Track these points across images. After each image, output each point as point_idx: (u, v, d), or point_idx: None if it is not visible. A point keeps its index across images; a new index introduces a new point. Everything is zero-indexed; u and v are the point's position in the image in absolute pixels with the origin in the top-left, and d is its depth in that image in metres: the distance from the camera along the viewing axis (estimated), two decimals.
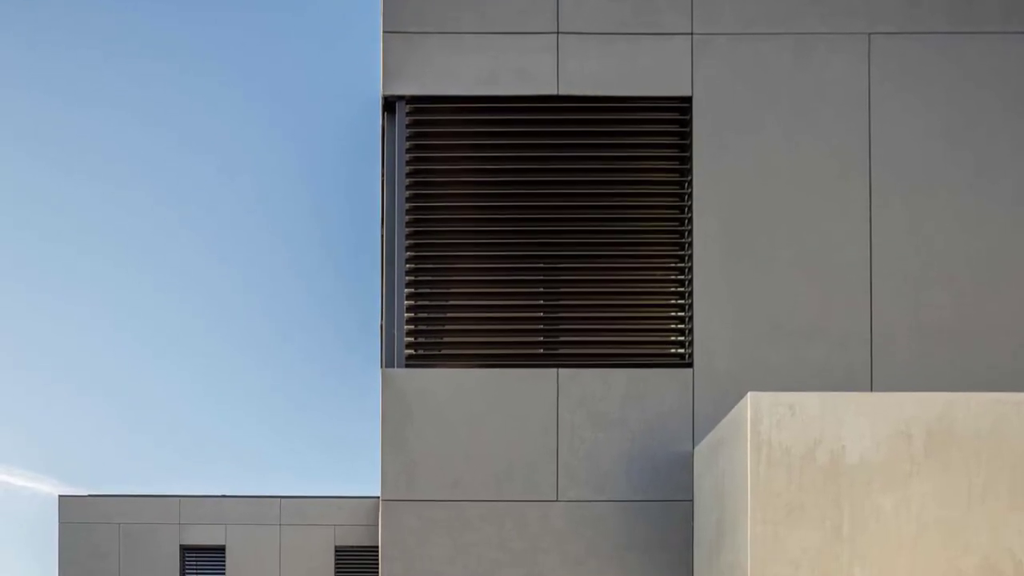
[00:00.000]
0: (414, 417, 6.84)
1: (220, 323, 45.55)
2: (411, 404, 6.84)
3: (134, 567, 18.04)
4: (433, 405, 6.87)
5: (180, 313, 43.45)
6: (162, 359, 45.53)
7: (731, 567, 5.85)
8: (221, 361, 47.08)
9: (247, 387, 46.91)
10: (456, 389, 6.91)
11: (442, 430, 6.85)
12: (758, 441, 5.59)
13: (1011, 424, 5.56)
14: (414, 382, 6.90)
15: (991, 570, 5.45)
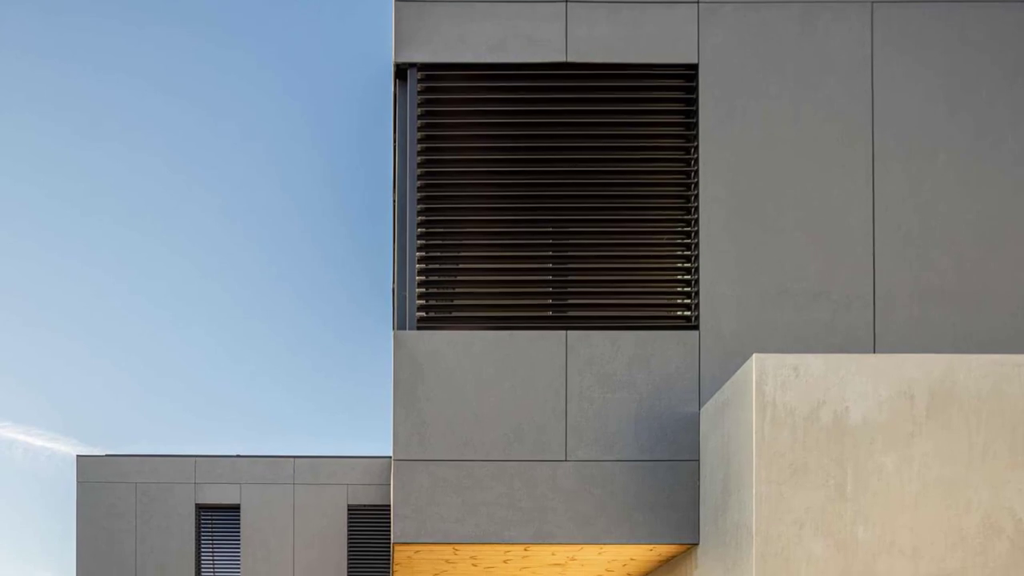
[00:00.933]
0: (425, 378, 6.89)
1: (235, 286, 45.64)
2: (422, 365, 6.89)
3: (150, 525, 18.18)
4: (444, 366, 6.92)
5: (196, 276, 43.54)
6: (178, 322, 45.69)
7: (736, 525, 5.93)
8: (236, 324, 47.23)
9: (262, 349, 47.05)
10: (466, 351, 6.95)
11: (453, 391, 6.90)
12: (763, 402, 5.67)
13: (1011, 385, 5.62)
14: (425, 344, 6.95)
15: (992, 527, 5.53)
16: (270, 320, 45.90)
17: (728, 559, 6.11)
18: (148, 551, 18.04)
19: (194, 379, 46.31)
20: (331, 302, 44.30)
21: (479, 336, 7.00)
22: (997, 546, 5.54)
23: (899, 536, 5.57)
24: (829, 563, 5.59)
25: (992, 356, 5.72)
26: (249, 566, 18.13)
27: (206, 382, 45.78)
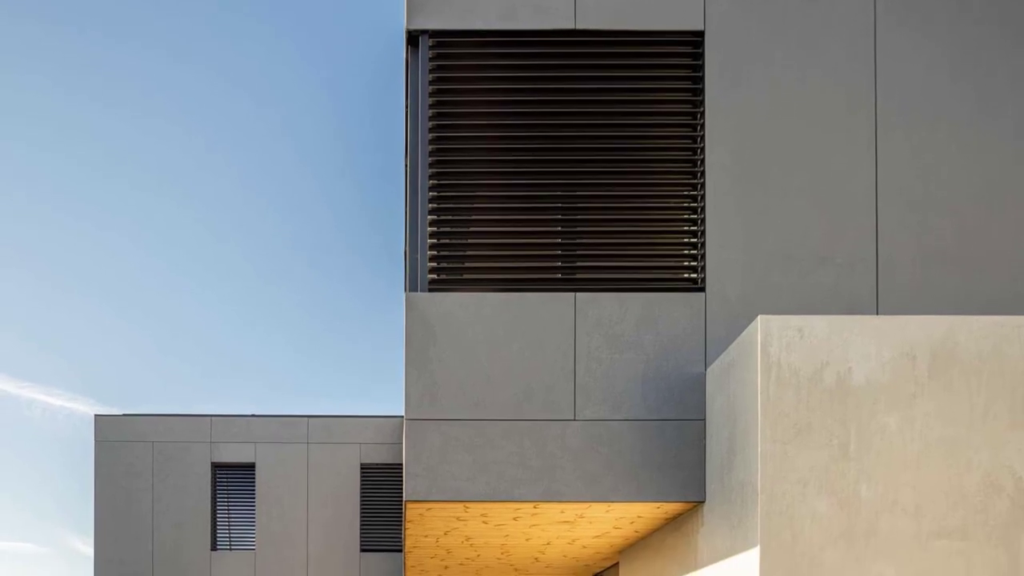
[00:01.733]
0: (436, 339, 6.93)
1: (251, 250, 45.79)
2: (434, 327, 6.94)
3: (167, 484, 18.33)
4: (455, 328, 6.96)
5: (211, 239, 43.73)
6: (194, 284, 45.96)
7: (742, 484, 6.00)
8: (251, 286, 47.50)
9: (276, 311, 47.33)
10: (477, 312, 6.99)
11: (464, 352, 6.94)
12: (768, 363, 5.71)
13: (1012, 346, 5.66)
14: (436, 306, 6.98)
15: (992, 486, 5.60)
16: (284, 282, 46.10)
17: (733, 517, 6.16)
18: (165, 509, 18.22)
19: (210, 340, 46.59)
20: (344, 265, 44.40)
21: (489, 298, 7.03)
22: (997, 504, 5.60)
23: (901, 494, 5.62)
24: (833, 521, 5.64)
25: (993, 318, 5.75)
26: (264, 523, 18.29)
27: (221, 343, 46.07)
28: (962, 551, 5.60)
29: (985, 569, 5.59)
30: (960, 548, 5.61)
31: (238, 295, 46.73)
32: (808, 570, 5.64)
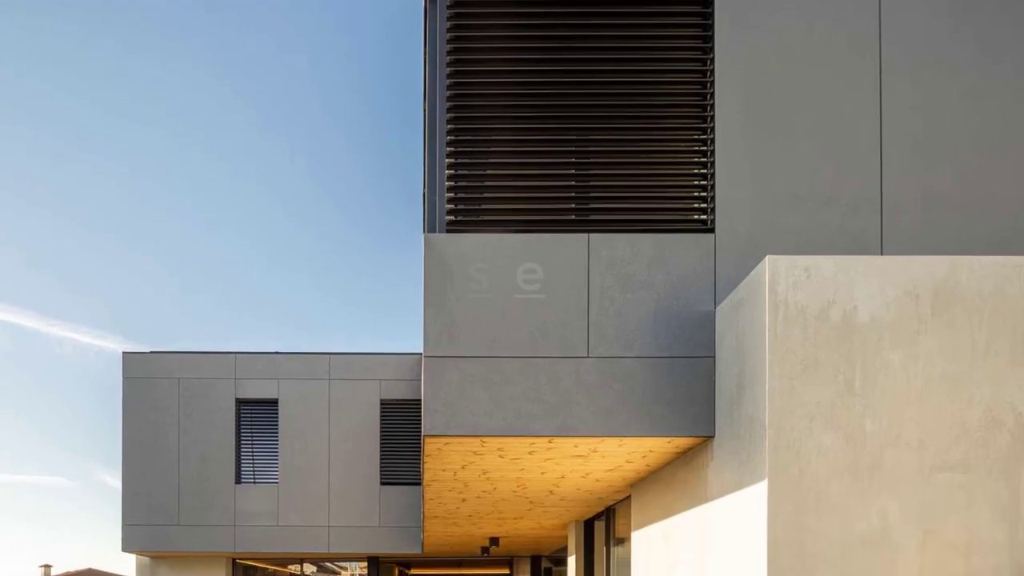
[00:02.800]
0: (454, 279, 6.96)
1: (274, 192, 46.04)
2: (452, 267, 6.97)
3: (193, 419, 18.55)
4: (472, 268, 6.99)
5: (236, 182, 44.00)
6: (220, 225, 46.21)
7: (750, 419, 6.09)
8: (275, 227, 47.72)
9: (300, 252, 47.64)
10: (494, 252, 7.02)
11: (480, 291, 6.98)
12: (775, 301, 5.79)
13: (1012, 285, 5.71)
14: (454, 246, 7.01)
15: (993, 421, 5.69)
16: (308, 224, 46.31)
17: (742, 451, 6.24)
18: (191, 443, 18.45)
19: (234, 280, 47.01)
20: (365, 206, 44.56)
21: (506, 239, 7.05)
22: (998, 438, 5.69)
23: (905, 429, 5.71)
24: (838, 454, 5.73)
25: (993, 257, 5.79)
26: (287, 457, 18.52)
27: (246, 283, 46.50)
28: (964, 484, 5.68)
29: (986, 502, 5.67)
30: (962, 481, 5.68)
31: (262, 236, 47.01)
32: (815, 502, 5.72)
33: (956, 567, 5.67)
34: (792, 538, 5.72)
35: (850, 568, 5.69)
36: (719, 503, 6.78)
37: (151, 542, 18.46)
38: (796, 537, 5.72)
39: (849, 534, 5.71)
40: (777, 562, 5.70)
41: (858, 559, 5.69)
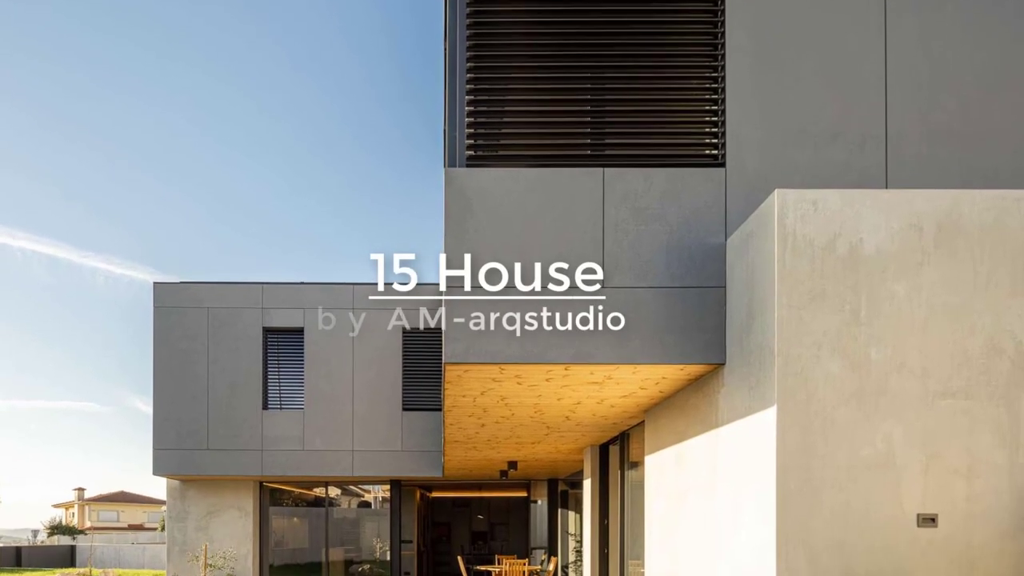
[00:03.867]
0: (474, 212, 7.04)
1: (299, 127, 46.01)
2: (471, 200, 7.04)
3: (221, 347, 18.71)
4: (491, 201, 7.07)
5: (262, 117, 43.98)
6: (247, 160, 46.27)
7: (760, 347, 6.21)
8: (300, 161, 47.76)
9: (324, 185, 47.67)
10: (512, 186, 7.09)
11: (499, 223, 7.06)
12: (784, 233, 5.89)
13: (1012, 218, 5.80)
14: (474, 180, 7.08)
15: (994, 349, 5.81)
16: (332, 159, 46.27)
17: (752, 377, 6.36)
18: (219, 371, 18.65)
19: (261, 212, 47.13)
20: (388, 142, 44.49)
21: (523, 173, 7.12)
22: (999, 366, 5.81)
23: (909, 357, 5.83)
24: (845, 381, 5.87)
25: (995, 191, 5.88)
26: (312, 384, 18.70)
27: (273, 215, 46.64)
28: (966, 410, 5.82)
29: (987, 426, 5.81)
30: (964, 407, 5.82)
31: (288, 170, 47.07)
32: (821, 427, 5.85)
33: (958, 490, 5.80)
34: (800, 462, 5.85)
35: (856, 491, 5.82)
36: (730, 428, 6.89)
37: (181, 466, 18.71)
38: (803, 461, 5.85)
39: (855, 458, 5.84)
40: (785, 484, 5.84)
41: (863, 482, 5.82)
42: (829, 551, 5.81)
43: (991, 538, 5.80)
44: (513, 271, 6.98)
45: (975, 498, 5.81)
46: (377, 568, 21.03)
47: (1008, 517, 5.81)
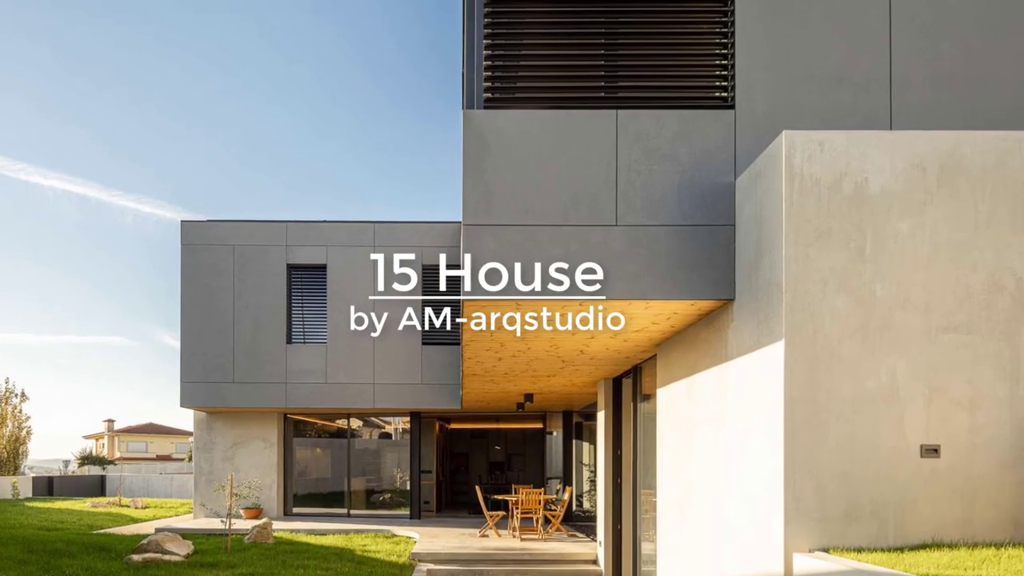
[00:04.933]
0: (491, 152, 7.09)
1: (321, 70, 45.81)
2: (489, 141, 7.09)
3: (246, 283, 19.02)
4: (508, 142, 7.12)
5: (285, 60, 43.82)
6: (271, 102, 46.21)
7: (768, 283, 6.31)
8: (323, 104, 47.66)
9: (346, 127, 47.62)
10: (528, 128, 7.14)
11: (516, 163, 7.11)
12: (791, 173, 5.97)
13: (1013, 158, 5.86)
14: (491, 122, 7.13)
15: (995, 285, 5.90)
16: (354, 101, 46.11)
17: (760, 313, 6.45)
18: (244, 306, 18.98)
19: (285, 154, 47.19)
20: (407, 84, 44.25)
21: (539, 115, 7.17)
22: (1000, 301, 5.90)
23: (913, 293, 5.92)
24: (850, 316, 5.96)
25: (996, 132, 5.94)
26: (334, 319, 18.98)
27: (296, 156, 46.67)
28: (968, 344, 5.91)
29: (988, 360, 5.91)
30: (966, 341, 5.91)
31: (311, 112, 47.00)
32: (828, 361, 5.95)
33: (960, 421, 5.91)
34: (806, 394, 5.96)
35: (861, 422, 5.93)
36: (739, 361, 6.98)
37: (208, 398, 19.06)
38: (810, 393, 5.96)
39: (860, 391, 5.94)
40: (793, 416, 5.96)
41: (868, 414, 5.93)
42: (835, 480, 5.91)
43: (992, 468, 5.90)
44: (529, 209, 7.08)
45: (977, 429, 5.91)
46: (397, 497, 21.36)
47: (1008, 448, 5.90)
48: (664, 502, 9.47)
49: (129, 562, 11.88)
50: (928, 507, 5.87)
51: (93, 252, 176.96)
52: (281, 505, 20.84)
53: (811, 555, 5.75)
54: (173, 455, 72.16)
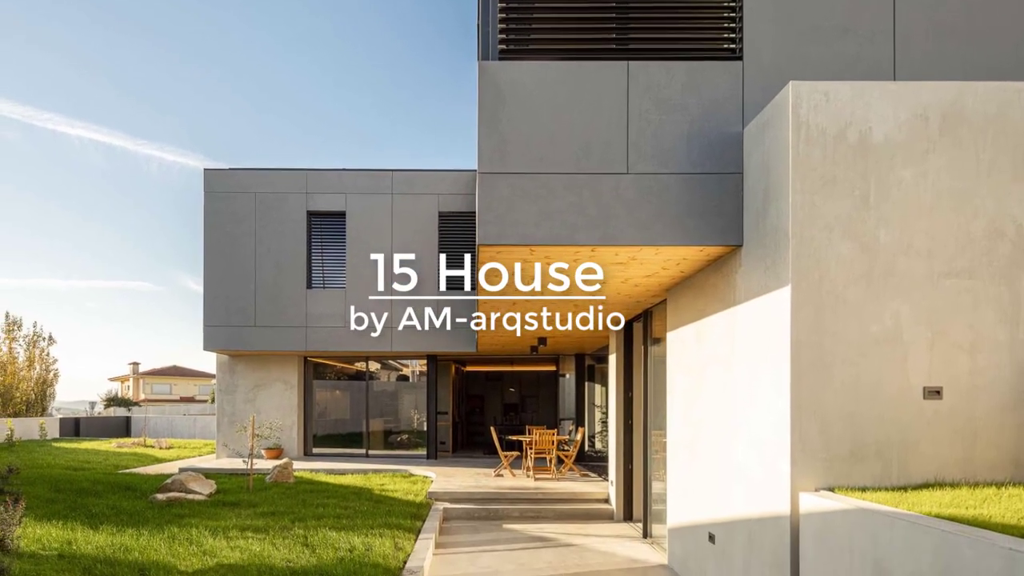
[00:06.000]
0: (506, 102, 7.13)
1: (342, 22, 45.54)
2: (503, 92, 7.13)
3: (268, 230, 19.15)
4: (522, 92, 7.15)
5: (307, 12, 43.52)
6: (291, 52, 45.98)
7: (775, 230, 6.38)
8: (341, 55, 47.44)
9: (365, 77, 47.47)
10: (542, 79, 7.17)
11: (530, 113, 7.14)
12: (798, 123, 6.04)
13: (1014, 108, 5.92)
14: (506, 73, 7.16)
15: (996, 231, 5.97)
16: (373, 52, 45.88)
17: (768, 259, 6.53)
18: (266, 252, 19.15)
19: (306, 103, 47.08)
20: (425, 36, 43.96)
21: (553, 66, 7.21)
22: (1000, 247, 5.98)
23: (916, 239, 5.99)
24: (855, 262, 6.04)
25: (997, 83, 5.99)
26: (353, 265, 19.10)
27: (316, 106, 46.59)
28: (969, 288, 5.99)
29: (989, 304, 5.99)
30: (967, 286, 5.99)
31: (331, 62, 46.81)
32: (833, 306, 6.04)
33: (962, 364, 6.00)
34: (812, 338, 6.05)
35: (865, 365, 6.02)
36: (747, 306, 7.07)
37: (230, 342, 19.25)
38: (816, 337, 6.05)
39: (864, 334, 6.03)
40: (799, 359, 6.06)
41: (872, 357, 6.02)
42: (840, 422, 6.00)
43: (993, 410, 5.98)
44: (543, 158, 7.12)
45: (978, 372, 5.98)
46: (414, 438, 21.62)
47: (1009, 390, 5.98)
48: (674, 443, 9.60)
49: (154, 501, 12.11)
50: (930, 448, 5.96)
51: (119, 200, 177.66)
52: (301, 446, 21.18)
53: (817, 494, 5.86)
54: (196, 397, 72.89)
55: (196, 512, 11.30)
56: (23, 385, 35.27)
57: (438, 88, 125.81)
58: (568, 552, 10.59)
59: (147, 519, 10.42)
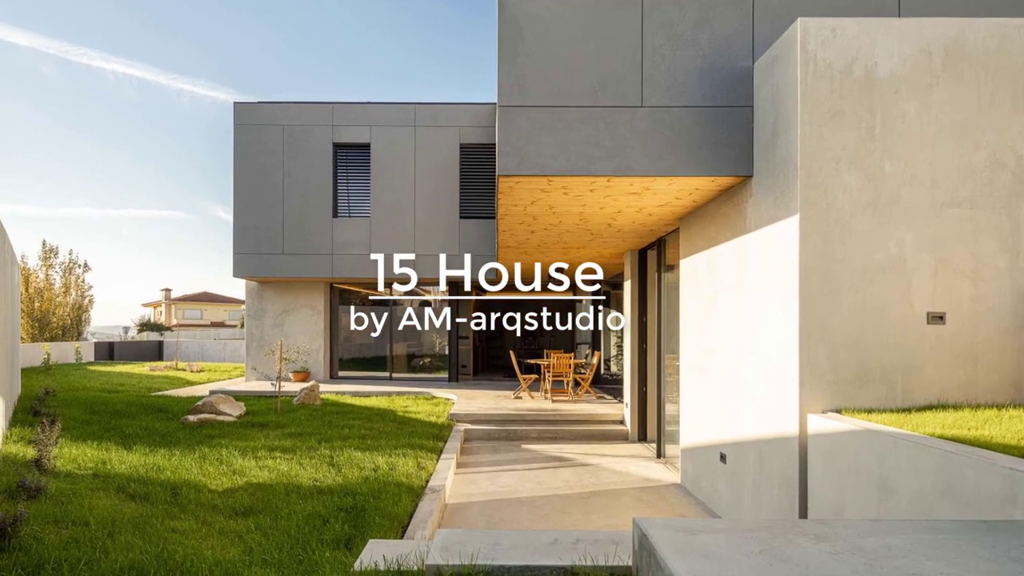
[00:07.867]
0: (524, 38, 7.16)
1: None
2: (522, 27, 7.17)
3: (295, 161, 19.27)
4: (540, 28, 7.18)
5: None
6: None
7: (784, 161, 6.46)
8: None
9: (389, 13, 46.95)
10: (559, 14, 7.19)
11: (547, 48, 7.18)
12: (806, 58, 6.10)
13: (1014, 44, 5.96)
14: (525, 8, 7.19)
15: (997, 163, 6.05)
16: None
17: (777, 189, 6.61)
18: (294, 183, 19.28)
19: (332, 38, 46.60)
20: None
21: (570, 2, 7.21)
22: (1001, 178, 6.06)
23: (919, 170, 6.07)
24: (861, 192, 6.12)
25: (997, 19, 6.03)
26: (377, 194, 19.26)
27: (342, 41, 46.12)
28: (971, 218, 6.08)
29: (990, 232, 6.08)
30: (969, 215, 6.08)
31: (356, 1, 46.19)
32: (840, 234, 6.13)
33: (964, 290, 6.10)
34: (820, 265, 6.15)
35: (871, 291, 6.13)
36: (756, 234, 7.15)
37: (259, 269, 19.49)
38: (823, 264, 6.14)
39: (870, 262, 6.13)
40: (807, 285, 6.16)
41: (878, 284, 6.12)
42: (846, 346, 6.10)
43: (994, 335, 6.08)
44: (560, 91, 7.16)
45: (979, 298, 6.08)
46: (436, 362, 21.87)
47: (1009, 316, 6.08)
48: (686, 366, 9.74)
49: (185, 422, 12.32)
50: (934, 371, 6.07)
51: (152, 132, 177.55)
52: (327, 369, 21.45)
53: (824, 416, 5.99)
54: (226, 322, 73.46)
55: (226, 433, 11.51)
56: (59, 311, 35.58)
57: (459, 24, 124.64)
58: (584, 471, 10.78)
59: (179, 440, 10.59)
